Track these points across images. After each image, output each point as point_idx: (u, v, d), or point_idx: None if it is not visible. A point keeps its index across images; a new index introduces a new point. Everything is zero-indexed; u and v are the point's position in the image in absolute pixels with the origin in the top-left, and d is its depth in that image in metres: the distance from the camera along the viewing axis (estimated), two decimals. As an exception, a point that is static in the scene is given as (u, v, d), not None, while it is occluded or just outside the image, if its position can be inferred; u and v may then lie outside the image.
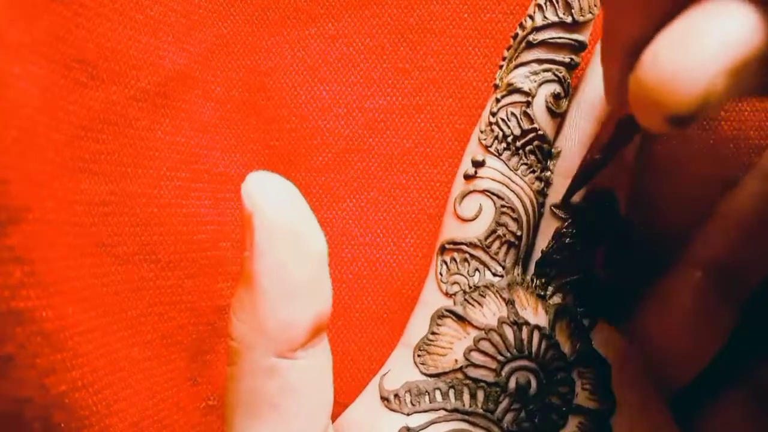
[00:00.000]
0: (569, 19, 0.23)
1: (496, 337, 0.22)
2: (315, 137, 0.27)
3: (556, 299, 0.24)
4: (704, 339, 0.24)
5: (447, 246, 0.24)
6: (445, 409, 0.22)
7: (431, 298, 0.24)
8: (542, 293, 0.24)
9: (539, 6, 0.24)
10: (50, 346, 0.19)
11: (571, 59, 0.24)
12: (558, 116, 0.24)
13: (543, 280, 0.24)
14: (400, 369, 0.23)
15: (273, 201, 0.18)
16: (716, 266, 0.24)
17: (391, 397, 0.22)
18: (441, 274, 0.24)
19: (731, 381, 0.25)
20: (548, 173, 0.24)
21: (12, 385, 0.18)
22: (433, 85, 0.27)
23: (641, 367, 0.24)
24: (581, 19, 0.23)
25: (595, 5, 0.24)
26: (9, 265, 0.17)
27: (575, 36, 0.24)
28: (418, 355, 0.23)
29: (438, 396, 0.22)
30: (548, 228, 0.24)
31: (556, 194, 0.24)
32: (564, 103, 0.24)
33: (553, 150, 0.24)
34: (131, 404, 0.22)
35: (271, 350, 0.18)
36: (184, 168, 0.25)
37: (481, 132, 0.24)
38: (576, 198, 0.24)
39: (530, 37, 0.24)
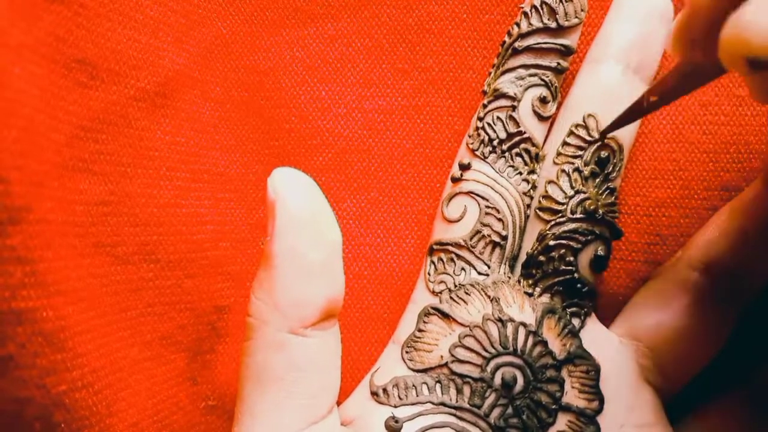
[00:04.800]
0: (554, 25, 0.24)
1: (480, 334, 0.23)
2: (315, 137, 0.27)
3: (545, 299, 0.24)
4: (701, 340, 0.24)
5: (435, 247, 0.25)
6: (432, 403, 0.23)
7: (420, 297, 0.25)
8: (530, 292, 0.24)
9: (525, 13, 0.24)
10: (50, 346, 0.19)
11: (558, 63, 0.24)
12: (546, 119, 0.25)
13: (530, 281, 0.24)
14: (389, 365, 0.24)
15: (294, 191, 0.20)
16: (714, 268, 0.24)
17: (380, 392, 0.23)
18: (429, 274, 0.25)
19: (728, 382, 0.25)
20: (535, 176, 0.25)
21: (12, 384, 0.18)
22: (432, 86, 0.27)
23: (632, 367, 0.24)
24: (566, 23, 0.24)
25: (582, 10, 0.24)
26: (9, 265, 0.17)
27: (561, 40, 0.24)
28: (406, 352, 0.24)
29: (425, 390, 0.23)
30: (534, 230, 0.24)
31: (540, 197, 0.25)
32: (551, 106, 0.25)
33: (540, 153, 0.25)
34: (131, 404, 0.22)
35: (283, 326, 0.20)
36: (184, 168, 0.25)
37: (469, 137, 0.25)
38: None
39: (516, 44, 0.24)
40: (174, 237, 0.25)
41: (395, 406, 0.23)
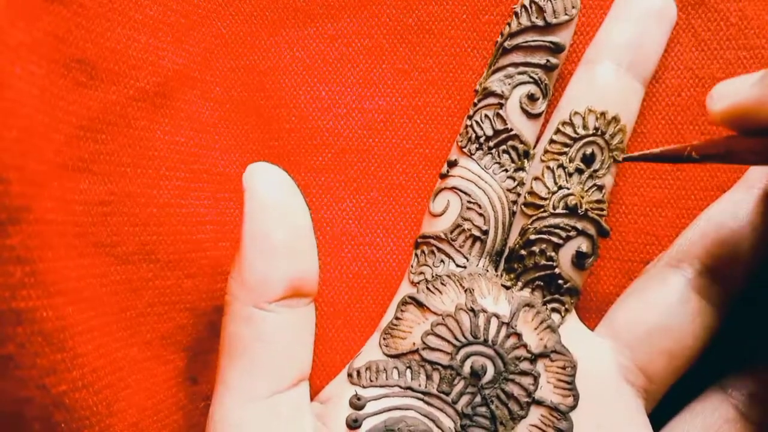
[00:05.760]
0: (541, 22, 0.24)
1: (452, 323, 0.23)
2: (315, 137, 0.27)
3: (525, 293, 0.24)
4: (680, 339, 0.24)
5: (419, 240, 0.26)
6: (399, 386, 0.23)
7: (402, 288, 0.26)
8: (509, 285, 0.25)
9: (516, 13, 0.25)
10: (50, 346, 0.19)
11: (548, 61, 0.24)
12: (536, 117, 0.25)
13: (512, 275, 0.25)
14: (368, 351, 0.25)
15: (262, 181, 0.21)
16: (695, 267, 0.24)
17: (354, 374, 0.24)
18: (412, 266, 0.25)
19: (712, 383, 0.25)
20: (522, 173, 0.25)
21: (12, 385, 0.18)
22: (431, 86, 0.27)
23: (612, 366, 0.24)
24: (554, 21, 0.24)
25: (573, 7, 0.24)
26: (9, 265, 0.17)
27: (550, 38, 0.24)
28: (383, 338, 0.24)
29: (395, 374, 0.23)
30: (519, 226, 0.25)
31: (525, 193, 0.25)
32: (541, 103, 0.25)
33: (530, 152, 0.25)
34: (131, 404, 0.22)
35: (249, 300, 0.21)
36: (184, 168, 0.25)
37: (460, 135, 0.25)
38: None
39: (506, 43, 0.25)
40: (174, 237, 0.25)
41: (364, 387, 0.23)
